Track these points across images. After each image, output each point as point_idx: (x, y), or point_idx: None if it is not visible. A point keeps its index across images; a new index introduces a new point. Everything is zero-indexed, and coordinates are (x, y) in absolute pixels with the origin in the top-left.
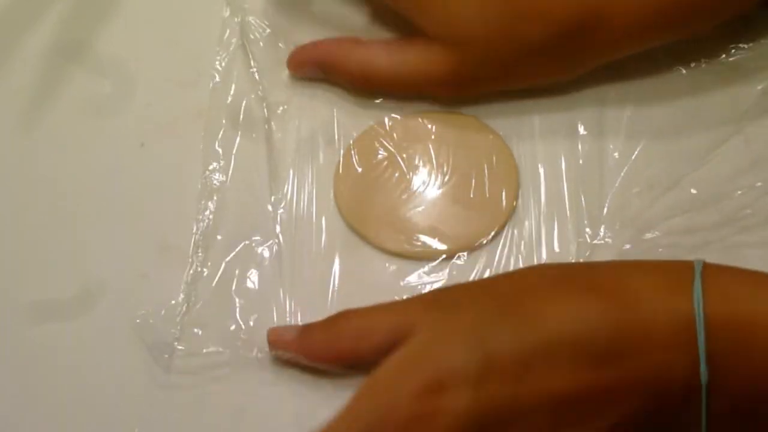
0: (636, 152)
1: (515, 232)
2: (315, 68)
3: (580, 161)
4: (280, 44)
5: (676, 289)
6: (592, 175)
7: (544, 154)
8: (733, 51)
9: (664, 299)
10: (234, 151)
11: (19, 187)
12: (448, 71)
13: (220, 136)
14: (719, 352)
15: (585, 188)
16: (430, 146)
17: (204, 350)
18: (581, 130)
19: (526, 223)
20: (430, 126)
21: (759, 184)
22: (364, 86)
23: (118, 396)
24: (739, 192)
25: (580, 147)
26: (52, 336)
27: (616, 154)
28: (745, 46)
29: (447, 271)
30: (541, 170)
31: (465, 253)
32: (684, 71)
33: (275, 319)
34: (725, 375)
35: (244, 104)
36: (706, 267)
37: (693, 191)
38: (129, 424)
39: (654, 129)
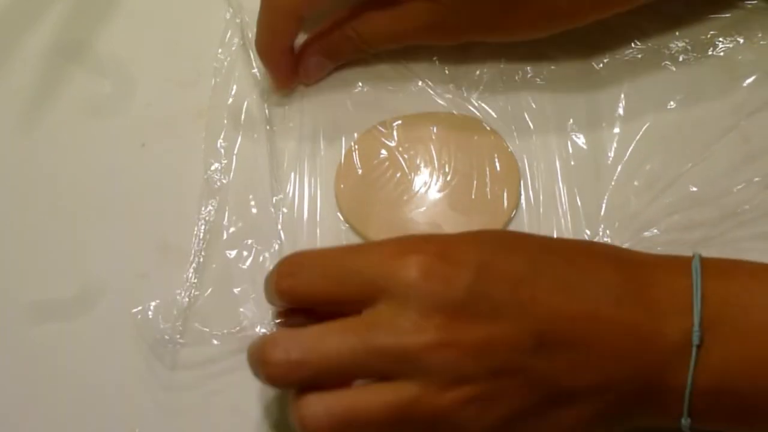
0: (630, 150)
1: None
2: (322, 60)
3: (578, 161)
4: None
5: (676, 267)
6: (590, 174)
7: (542, 155)
8: (724, 44)
9: (667, 273)
10: (235, 152)
11: (19, 187)
12: (436, 20)
13: (221, 136)
14: (712, 323)
15: (583, 188)
16: (432, 147)
17: (204, 350)
18: (576, 130)
19: (527, 223)
20: (431, 127)
21: (757, 179)
22: (368, 49)
23: (118, 396)
24: (738, 187)
25: (576, 147)
26: (52, 336)
27: (610, 153)
28: (740, 39)
29: None
30: (541, 171)
31: None
32: (674, 68)
33: (277, 318)
34: (714, 346)
35: (245, 104)
36: (704, 258)
37: (692, 189)
38: (129, 423)
39: (648, 126)
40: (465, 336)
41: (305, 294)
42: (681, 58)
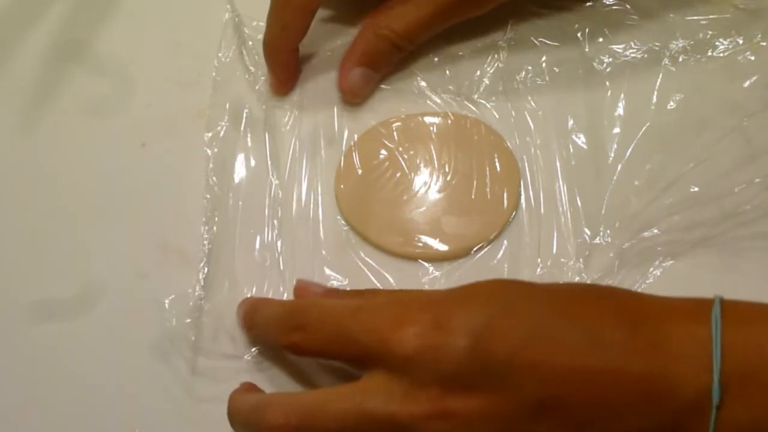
0: (630, 150)
1: (516, 232)
2: (365, 71)
3: (578, 161)
4: None
5: (693, 315)
6: (590, 174)
7: (543, 154)
8: (724, 44)
9: (682, 323)
10: (235, 152)
11: (19, 187)
12: None
13: (221, 136)
14: (732, 378)
15: (583, 188)
16: (432, 147)
17: (206, 352)
18: (576, 129)
19: (527, 223)
20: (431, 127)
21: (758, 179)
22: (407, 45)
23: (118, 396)
24: (739, 188)
25: (576, 147)
26: (52, 336)
27: (611, 153)
28: (740, 40)
29: (448, 272)
30: (541, 171)
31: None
32: (674, 68)
33: None
34: (736, 401)
35: (245, 104)
36: (725, 301)
37: (692, 189)
38: (129, 423)
39: (648, 126)
40: (459, 406)
41: (309, 352)
42: (681, 59)
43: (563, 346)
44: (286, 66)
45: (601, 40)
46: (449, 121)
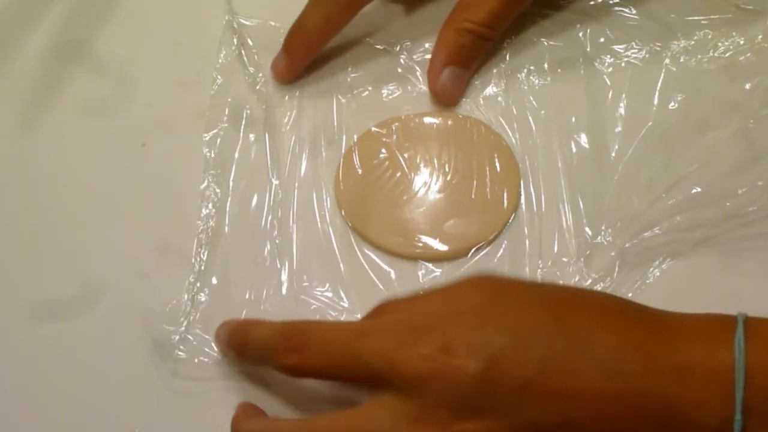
0: (631, 150)
1: (516, 232)
2: (455, 70)
3: (579, 161)
4: (280, 45)
5: (715, 337)
6: (591, 174)
7: (544, 154)
8: (725, 45)
9: (704, 346)
10: (235, 152)
11: (19, 187)
12: None
13: (221, 136)
14: (756, 404)
15: (585, 188)
16: (432, 147)
17: (206, 353)
18: (578, 129)
19: (527, 223)
20: (431, 127)
21: (760, 182)
22: (490, 34)
23: (118, 396)
24: (741, 190)
25: (578, 146)
26: (53, 336)
27: (612, 153)
28: (741, 41)
29: (448, 272)
30: (542, 171)
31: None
32: (675, 68)
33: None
34: (760, 427)
35: (245, 104)
36: (749, 320)
37: (694, 190)
38: (129, 424)
39: (650, 126)
40: (469, 430)
41: (310, 372)
42: (682, 59)
43: (578, 372)
44: (308, 56)
45: (602, 40)
46: (449, 121)
